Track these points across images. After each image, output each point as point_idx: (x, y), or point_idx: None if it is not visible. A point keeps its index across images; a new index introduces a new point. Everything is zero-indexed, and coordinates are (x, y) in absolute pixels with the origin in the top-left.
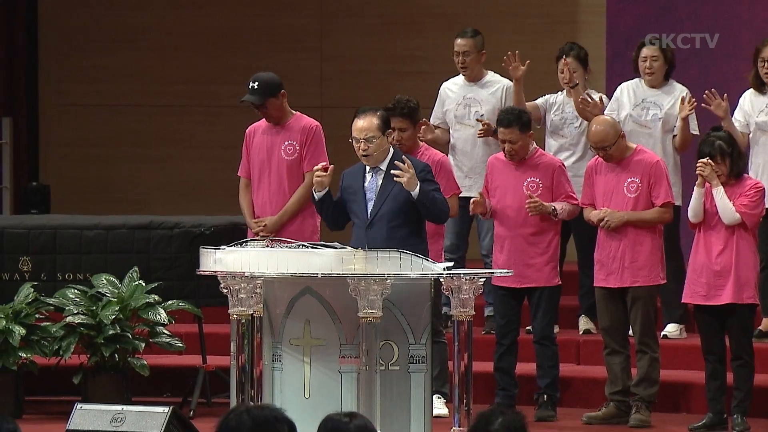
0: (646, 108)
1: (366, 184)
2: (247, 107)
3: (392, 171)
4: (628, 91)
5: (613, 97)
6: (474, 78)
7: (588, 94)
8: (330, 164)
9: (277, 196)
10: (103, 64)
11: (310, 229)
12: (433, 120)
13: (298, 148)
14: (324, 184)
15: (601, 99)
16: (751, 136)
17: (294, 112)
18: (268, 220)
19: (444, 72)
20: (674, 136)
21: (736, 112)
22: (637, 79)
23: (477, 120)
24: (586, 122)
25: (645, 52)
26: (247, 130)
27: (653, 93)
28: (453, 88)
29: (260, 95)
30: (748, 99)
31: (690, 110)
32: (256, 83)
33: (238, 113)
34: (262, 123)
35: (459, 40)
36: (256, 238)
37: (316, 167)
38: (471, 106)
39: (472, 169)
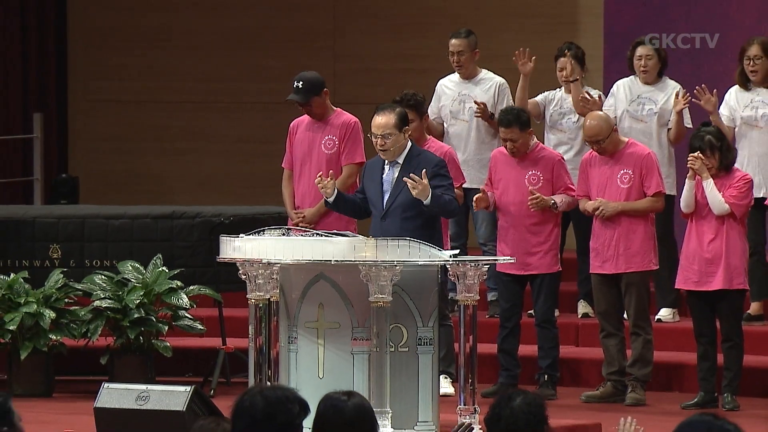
0: (642, 104)
1: (384, 176)
2: (266, 104)
3: (404, 179)
4: (624, 88)
5: (609, 94)
6: (468, 75)
7: (587, 92)
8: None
9: (316, 189)
10: (128, 62)
11: (347, 219)
12: (429, 114)
13: (337, 142)
14: (329, 192)
15: (600, 96)
16: (737, 130)
17: (335, 108)
18: (307, 211)
19: (450, 70)
20: (669, 130)
21: (722, 107)
22: (632, 77)
23: (474, 102)
24: (583, 117)
25: (640, 51)
26: (291, 125)
27: (648, 89)
28: (449, 84)
29: (304, 94)
30: (734, 95)
31: (684, 105)
32: (301, 83)
33: (256, 109)
34: (305, 118)
35: (453, 41)
36: (296, 228)
37: (317, 179)
38: (465, 102)
39: (466, 161)
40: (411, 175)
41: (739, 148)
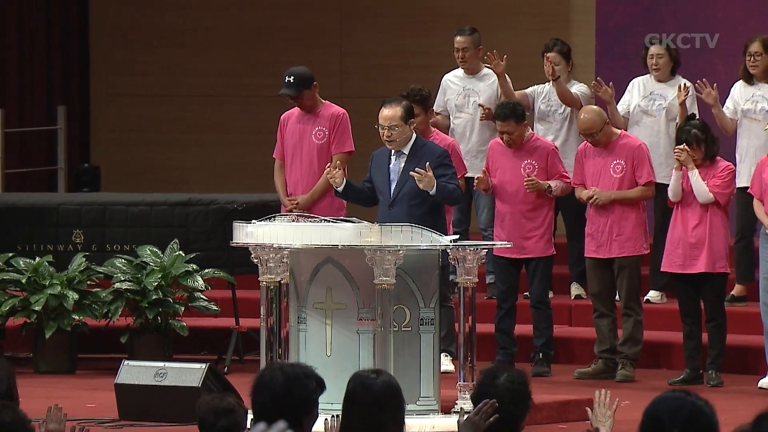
0: (653, 99)
1: (391, 165)
2: (277, 97)
3: (411, 173)
4: (638, 84)
5: (626, 90)
6: (472, 71)
7: (599, 79)
8: (345, 156)
9: (307, 177)
10: (147, 58)
11: (337, 206)
12: (436, 108)
13: (327, 133)
14: (338, 181)
15: (612, 90)
16: (738, 122)
17: (324, 101)
18: (300, 198)
19: (450, 66)
20: (677, 124)
21: (727, 100)
22: (647, 75)
23: (479, 105)
24: (569, 109)
25: (652, 50)
26: (281, 117)
27: (660, 86)
28: (454, 80)
29: (296, 88)
30: (738, 89)
31: (684, 96)
32: (292, 77)
33: (267, 102)
34: (295, 110)
35: (458, 38)
36: (289, 213)
37: (326, 170)
38: (470, 96)
39: (469, 152)
40: (416, 168)
41: (739, 138)
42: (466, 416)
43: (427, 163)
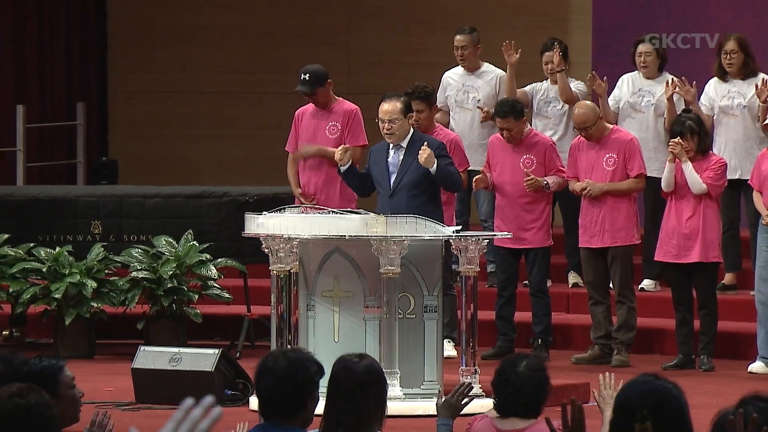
0: (642, 96)
1: (389, 159)
2: (286, 94)
3: (419, 152)
4: (627, 81)
5: (616, 86)
6: (472, 68)
7: (594, 73)
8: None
9: (320, 171)
10: (162, 56)
11: (349, 197)
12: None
13: (340, 128)
14: (345, 161)
15: (605, 85)
16: (715, 118)
17: (337, 98)
18: (308, 145)
19: (453, 63)
20: (665, 119)
21: (702, 97)
22: (636, 72)
23: (478, 107)
24: (566, 106)
25: (640, 48)
26: (296, 113)
27: (648, 83)
28: (454, 77)
29: (310, 85)
30: (713, 86)
31: (672, 91)
32: (307, 75)
33: (277, 98)
34: (310, 106)
35: (458, 36)
36: (300, 205)
37: (340, 147)
38: (469, 92)
39: (470, 146)
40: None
41: (717, 134)
42: (443, 398)
43: (424, 143)
